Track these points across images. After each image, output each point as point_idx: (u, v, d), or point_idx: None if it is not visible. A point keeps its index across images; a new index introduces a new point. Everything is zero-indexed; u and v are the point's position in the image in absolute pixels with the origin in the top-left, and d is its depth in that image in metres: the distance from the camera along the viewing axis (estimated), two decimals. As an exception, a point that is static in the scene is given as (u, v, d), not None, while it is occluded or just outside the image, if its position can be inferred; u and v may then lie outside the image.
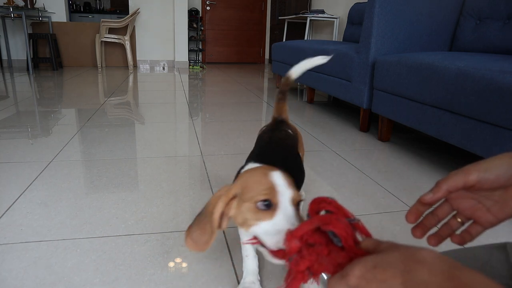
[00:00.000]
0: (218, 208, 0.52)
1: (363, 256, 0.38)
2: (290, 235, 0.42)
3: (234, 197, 0.53)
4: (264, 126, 0.96)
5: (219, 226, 0.54)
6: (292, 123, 1.00)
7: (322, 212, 0.45)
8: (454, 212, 0.47)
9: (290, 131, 0.91)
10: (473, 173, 0.39)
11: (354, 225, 0.42)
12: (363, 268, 0.36)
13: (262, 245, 0.51)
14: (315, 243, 0.41)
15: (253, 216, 0.50)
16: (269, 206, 0.50)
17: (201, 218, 0.55)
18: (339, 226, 0.40)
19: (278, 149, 0.81)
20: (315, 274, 0.41)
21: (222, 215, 0.54)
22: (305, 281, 0.42)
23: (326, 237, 0.41)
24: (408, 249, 0.36)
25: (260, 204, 0.50)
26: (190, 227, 0.56)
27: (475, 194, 0.45)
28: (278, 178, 0.52)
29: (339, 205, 0.44)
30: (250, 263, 0.79)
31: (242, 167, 0.72)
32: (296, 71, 1.01)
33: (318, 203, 0.45)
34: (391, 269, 0.34)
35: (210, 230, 0.53)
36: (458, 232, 0.48)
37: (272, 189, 0.50)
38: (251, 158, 0.75)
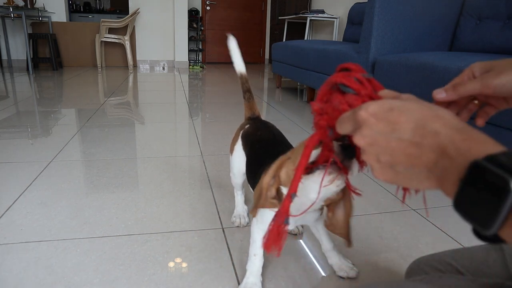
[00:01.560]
0: (271, 169, 0.61)
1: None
2: (313, 102, 0.45)
3: (288, 159, 0.60)
4: (247, 127, 0.96)
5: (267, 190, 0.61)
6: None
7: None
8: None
9: (270, 126, 0.95)
10: (493, 83, 0.39)
11: (369, 79, 0.41)
12: (378, 107, 0.35)
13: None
14: (331, 99, 0.42)
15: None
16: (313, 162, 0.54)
17: (259, 184, 0.63)
18: (349, 79, 0.40)
19: (286, 142, 0.85)
20: (334, 129, 0.41)
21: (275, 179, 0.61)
22: (325, 137, 0.44)
23: (342, 92, 0.41)
24: (429, 104, 0.36)
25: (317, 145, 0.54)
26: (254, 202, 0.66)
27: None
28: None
29: (357, 67, 0.44)
30: (256, 263, 0.78)
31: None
32: (240, 64, 1.01)
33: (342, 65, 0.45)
34: (407, 114, 0.34)
35: (260, 191, 0.61)
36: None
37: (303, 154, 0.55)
38: (274, 154, 0.74)
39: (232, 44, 1.00)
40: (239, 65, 1.00)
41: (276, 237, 0.51)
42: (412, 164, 0.32)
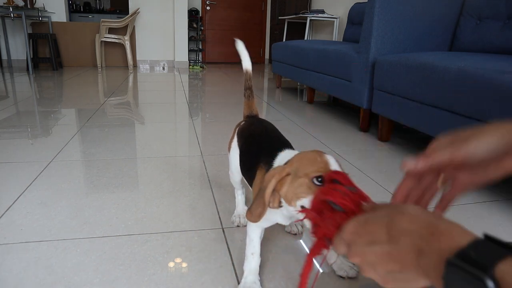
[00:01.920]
0: (271, 185, 0.59)
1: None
2: (306, 209, 0.52)
3: (287, 175, 0.59)
4: (242, 124, 0.97)
5: (269, 203, 0.60)
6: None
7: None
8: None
9: (264, 121, 0.96)
10: (462, 151, 0.39)
11: (355, 193, 0.48)
12: (356, 224, 0.39)
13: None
14: (323, 211, 0.48)
15: (306, 190, 0.55)
16: (322, 182, 0.54)
17: (259, 193, 0.62)
18: (336, 195, 0.47)
19: (283, 139, 0.85)
20: (330, 238, 0.46)
21: (274, 191, 0.60)
22: (326, 247, 0.49)
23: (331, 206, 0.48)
24: (396, 205, 0.38)
25: (315, 179, 0.55)
26: (253, 201, 0.64)
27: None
28: (331, 159, 0.58)
29: (345, 177, 0.51)
30: (253, 262, 0.79)
31: (270, 160, 0.73)
32: (248, 61, 1.05)
33: (331, 175, 0.52)
34: (379, 221, 0.36)
35: (263, 204, 0.60)
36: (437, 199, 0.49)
37: (326, 167, 0.56)
38: (277, 149, 0.75)
39: (240, 46, 1.05)
40: (246, 62, 1.04)
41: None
42: (401, 267, 0.33)
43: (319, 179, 0.54)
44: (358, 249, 0.38)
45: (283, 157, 0.70)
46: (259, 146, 0.82)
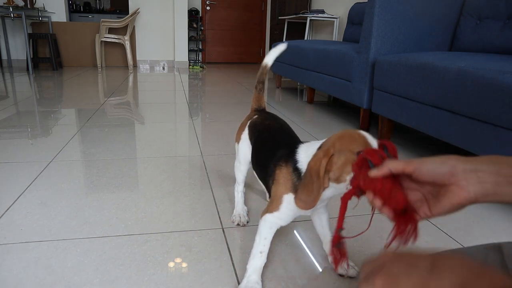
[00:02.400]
0: (323, 166, 0.62)
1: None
2: (353, 163, 0.58)
3: (332, 156, 0.62)
4: (255, 117, 0.99)
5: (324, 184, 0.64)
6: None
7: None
8: None
9: (277, 117, 0.98)
10: (412, 164, 0.44)
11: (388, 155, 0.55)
12: (385, 278, 0.36)
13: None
14: (362, 167, 0.55)
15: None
16: None
17: (306, 182, 0.66)
18: (375, 156, 0.54)
19: (292, 132, 0.88)
20: (362, 190, 0.55)
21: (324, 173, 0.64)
22: (357, 196, 0.58)
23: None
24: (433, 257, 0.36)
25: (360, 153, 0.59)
26: (298, 193, 0.69)
27: (421, 188, 0.49)
28: (367, 134, 0.62)
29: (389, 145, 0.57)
30: (260, 262, 0.78)
31: (292, 156, 0.75)
32: (271, 59, 1.06)
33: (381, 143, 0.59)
34: (423, 253, 0.36)
35: (318, 189, 0.64)
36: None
37: (367, 143, 0.60)
38: (294, 146, 0.77)
39: (280, 47, 1.07)
40: (269, 58, 1.05)
41: (339, 258, 0.67)
42: None
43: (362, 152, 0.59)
44: (392, 271, 0.36)
45: (305, 150, 0.73)
46: (275, 142, 0.83)
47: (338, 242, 0.64)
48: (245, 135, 0.98)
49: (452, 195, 0.40)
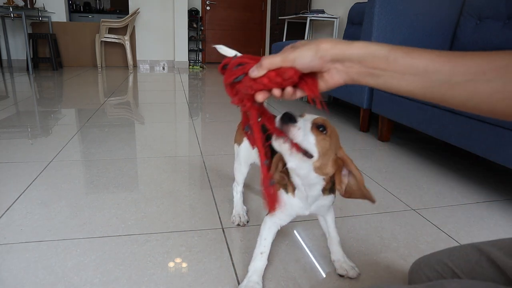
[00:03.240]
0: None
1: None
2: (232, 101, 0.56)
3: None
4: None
5: None
6: None
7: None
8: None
9: None
10: (288, 61, 0.46)
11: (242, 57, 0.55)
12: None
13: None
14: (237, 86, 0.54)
15: None
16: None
17: None
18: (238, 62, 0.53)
19: None
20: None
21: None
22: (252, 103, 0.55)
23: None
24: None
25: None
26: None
27: None
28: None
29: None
30: (261, 263, 0.79)
31: None
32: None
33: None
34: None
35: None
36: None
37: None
38: None
39: (228, 51, 1.03)
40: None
41: (271, 196, 0.60)
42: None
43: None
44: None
45: None
46: None
47: (268, 179, 0.60)
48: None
49: (326, 80, 0.46)
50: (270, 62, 0.47)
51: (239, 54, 1.02)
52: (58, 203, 1.15)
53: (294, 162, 0.64)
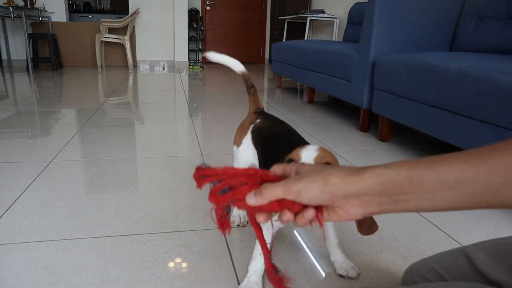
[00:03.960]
0: None
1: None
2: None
3: None
4: (258, 121, 0.98)
5: None
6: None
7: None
8: None
9: (281, 121, 0.98)
10: (291, 193, 0.40)
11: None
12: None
13: None
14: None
15: None
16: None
17: None
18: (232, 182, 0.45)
19: (299, 135, 0.88)
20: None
21: None
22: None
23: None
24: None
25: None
26: None
27: None
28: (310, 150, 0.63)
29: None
30: (261, 263, 0.78)
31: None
32: (238, 65, 1.06)
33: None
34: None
35: None
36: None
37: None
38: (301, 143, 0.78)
39: (216, 57, 1.03)
40: (237, 66, 1.05)
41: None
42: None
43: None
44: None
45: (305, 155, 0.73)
46: (285, 146, 0.81)
47: (274, 269, 0.53)
48: (248, 139, 0.96)
49: (339, 215, 0.40)
50: (271, 193, 0.41)
51: (227, 57, 1.00)
52: (58, 203, 1.15)
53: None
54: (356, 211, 0.39)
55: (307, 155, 0.61)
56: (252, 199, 0.41)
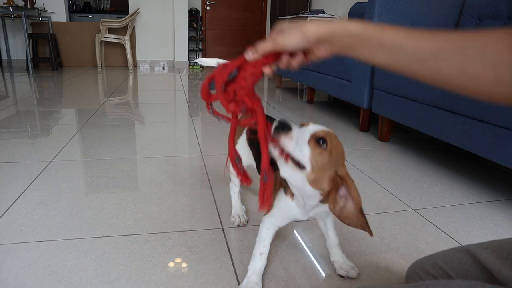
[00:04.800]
0: None
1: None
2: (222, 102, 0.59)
3: None
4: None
5: None
6: None
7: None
8: None
9: None
10: (278, 46, 0.52)
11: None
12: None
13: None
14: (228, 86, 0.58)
15: None
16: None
17: None
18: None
19: None
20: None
21: None
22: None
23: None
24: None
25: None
26: None
27: None
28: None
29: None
30: (261, 263, 0.79)
31: None
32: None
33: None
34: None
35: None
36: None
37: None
38: None
39: (208, 61, 1.04)
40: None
41: (264, 194, 0.63)
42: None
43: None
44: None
45: None
46: None
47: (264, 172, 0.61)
48: (243, 140, 0.97)
49: (315, 54, 0.53)
50: (263, 47, 0.53)
51: (220, 61, 1.01)
52: (58, 203, 1.15)
53: (286, 171, 0.64)
54: (326, 51, 0.52)
55: (314, 127, 0.69)
56: (250, 55, 0.54)
